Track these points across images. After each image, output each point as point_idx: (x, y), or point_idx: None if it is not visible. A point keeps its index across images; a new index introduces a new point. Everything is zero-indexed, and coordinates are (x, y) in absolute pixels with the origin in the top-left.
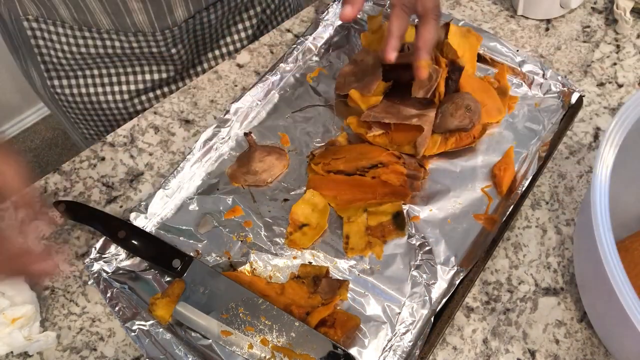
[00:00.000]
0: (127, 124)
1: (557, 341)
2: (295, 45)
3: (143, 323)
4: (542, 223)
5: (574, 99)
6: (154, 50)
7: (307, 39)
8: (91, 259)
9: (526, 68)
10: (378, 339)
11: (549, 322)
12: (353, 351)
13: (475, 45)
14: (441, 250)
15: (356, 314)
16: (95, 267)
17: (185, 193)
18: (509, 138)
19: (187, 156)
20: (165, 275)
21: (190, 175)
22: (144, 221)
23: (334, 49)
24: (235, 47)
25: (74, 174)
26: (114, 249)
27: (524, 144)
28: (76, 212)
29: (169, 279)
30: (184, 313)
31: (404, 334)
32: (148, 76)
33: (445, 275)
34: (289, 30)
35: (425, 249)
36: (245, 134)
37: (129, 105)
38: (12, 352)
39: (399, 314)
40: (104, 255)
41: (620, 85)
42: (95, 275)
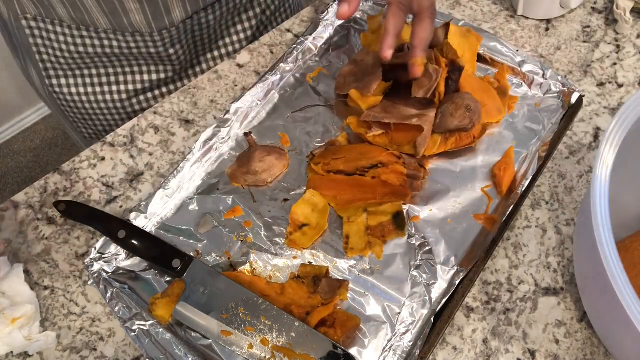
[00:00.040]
0: (127, 124)
1: (557, 341)
2: (295, 45)
3: (143, 323)
4: (542, 223)
5: (574, 99)
6: (152, 51)
7: (307, 39)
8: (91, 259)
9: (526, 68)
10: (378, 339)
11: (549, 322)
12: (353, 351)
13: (475, 45)
14: (441, 250)
15: (356, 314)
16: (95, 267)
17: (185, 193)
18: (509, 138)
19: (187, 156)
20: (165, 275)
21: (190, 175)
22: (144, 221)
23: (334, 49)
24: (235, 48)
25: (74, 174)
26: (114, 249)
27: (524, 144)
28: (76, 212)
29: (169, 279)
30: (184, 313)
31: (404, 334)
32: (146, 76)
33: (445, 275)
34: (289, 30)
35: (425, 249)
36: (245, 134)
37: (127, 105)
38: (12, 352)
39: (399, 314)
40: (104, 255)
41: (620, 85)
42: (95, 275)
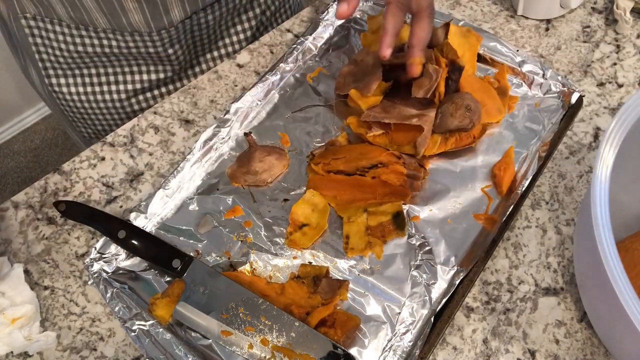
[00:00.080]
0: (127, 124)
1: (557, 341)
2: (295, 45)
3: (143, 323)
4: (542, 223)
5: (574, 99)
6: (150, 50)
7: (307, 39)
8: (91, 259)
9: (526, 68)
10: (378, 339)
11: (549, 322)
12: (353, 351)
13: (475, 45)
14: (441, 250)
15: (356, 314)
16: (95, 267)
17: (185, 193)
18: (509, 138)
19: (187, 156)
20: (165, 275)
21: (190, 175)
22: (144, 221)
23: (334, 49)
24: (234, 49)
25: (74, 174)
26: (114, 249)
27: (524, 144)
28: (76, 212)
29: (169, 279)
30: (184, 313)
31: (404, 334)
32: (145, 76)
33: (445, 275)
34: (289, 30)
35: (425, 249)
36: (245, 134)
37: (126, 104)
38: (12, 352)
39: (399, 314)
40: (104, 255)
41: (620, 85)
42: (95, 275)
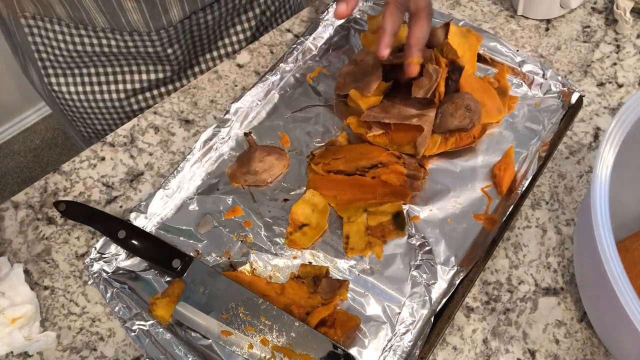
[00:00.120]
0: (127, 124)
1: (557, 341)
2: (295, 45)
3: (143, 323)
4: (542, 223)
5: (574, 99)
6: (149, 50)
7: (307, 39)
8: (91, 259)
9: (526, 68)
10: (378, 339)
11: (549, 322)
12: (353, 351)
13: (475, 45)
14: (441, 250)
15: (356, 314)
16: (95, 267)
17: (185, 193)
18: (509, 138)
19: (187, 156)
20: (165, 275)
21: (190, 175)
22: (144, 221)
23: (334, 49)
24: (234, 49)
25: (74, 174)
26: (114, 249)
27: (524, 144)
28: (76, 212)
29: (169, 279)
30: (184, 313)
31: (404, 334)
32: (145, 76)
33: (445, 275)
34: (289, 30)
35: (425, 249)
36: (245, 134)
37: (126, 104)
38: (12, 352)
39: (399, 314)
40: (104, 255)
41: (620, 85)
42: (95, 275)
